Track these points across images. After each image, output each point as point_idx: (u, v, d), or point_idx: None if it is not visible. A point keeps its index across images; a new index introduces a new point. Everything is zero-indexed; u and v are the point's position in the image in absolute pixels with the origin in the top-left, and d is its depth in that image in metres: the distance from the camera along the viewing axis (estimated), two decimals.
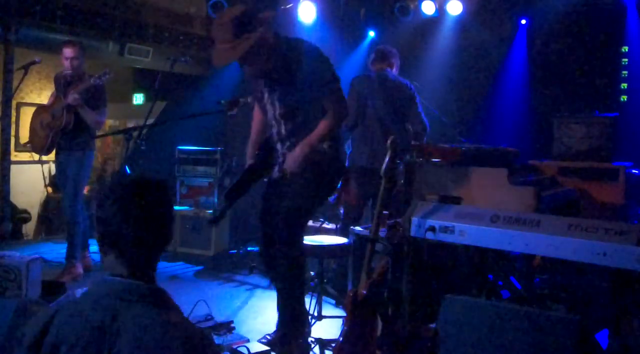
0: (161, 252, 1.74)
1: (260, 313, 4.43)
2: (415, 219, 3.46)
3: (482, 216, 3.28)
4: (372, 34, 7.90)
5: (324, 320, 3.99)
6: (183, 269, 6.13)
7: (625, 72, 6.57)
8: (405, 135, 5.07)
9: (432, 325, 3.05)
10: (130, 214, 1.64)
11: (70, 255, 5.37)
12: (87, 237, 5.61)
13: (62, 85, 5.38)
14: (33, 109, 8.11)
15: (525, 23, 7.24)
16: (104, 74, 5.14)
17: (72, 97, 5.12)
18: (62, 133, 5.25)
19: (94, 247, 6.25)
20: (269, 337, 3.78)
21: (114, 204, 1.64)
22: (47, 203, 8.91)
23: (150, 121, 5.10)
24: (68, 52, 5.35)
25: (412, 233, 3.45)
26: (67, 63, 5.36)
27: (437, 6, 7.28)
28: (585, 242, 2.94)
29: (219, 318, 4.19)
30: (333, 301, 4.77)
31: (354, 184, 3.98)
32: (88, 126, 5.31)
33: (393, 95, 5.09)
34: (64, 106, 5.17)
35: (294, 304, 3.61)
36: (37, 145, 5.45)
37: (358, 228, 4.16)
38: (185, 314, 4.34)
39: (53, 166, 8.62)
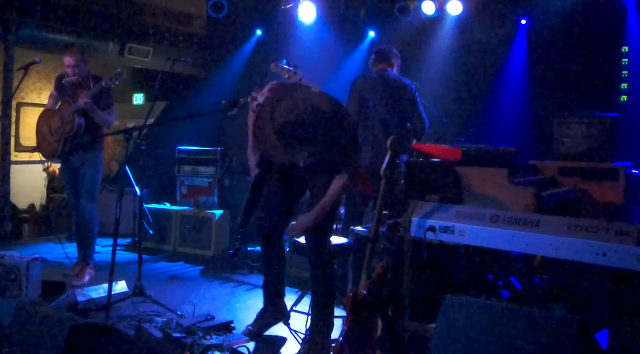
0: None
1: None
2: (415, 219, 3.46)
3: (482, 216, 3.28)
4: (372, 34, 7.90)
5: None
6: (183, 269, 6.13)
7: (625, 72, 6.57)
8: (406, 135, 5.08)
9: (432, 325, 3.05)
10: None
11: (85, 256, 5.33)
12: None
13: (69, 89, 5.32)
14: (33, 109, 8.12)
15: (525, 23, 7.24)
16: (118, 75, 5.05)
17: (84, 100, 5.05)
18: (74, 137, 5.21)
19: (96, 247, 6.24)
20: (250, 328, 3.98)
21: None
22: (47, 203, 8.91)
23: (150, 121, 5.10)
24: (68, 60, 5.26)
25: (412, 233, 3.46)
26: (69, 71, 5.30)
27: (437, 6, 7.28)
28: (585, 242, 2.94)
29: (219, 318, 4.19)
30: None
31: (364, 172, 3.99)
32: (97, 127, 5.26)
33: (394, 95, 5.09)
34: (75, 110, 5.11)
35: (331, 305, 3.80)
36: (47, 151, 5.37)
37: (358, 228, 4.16)
38: (187, 315, 4.38)
39: (54, 166, 8.63)
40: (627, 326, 3.27)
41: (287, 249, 4.37)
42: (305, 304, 4.02)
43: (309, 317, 3.80)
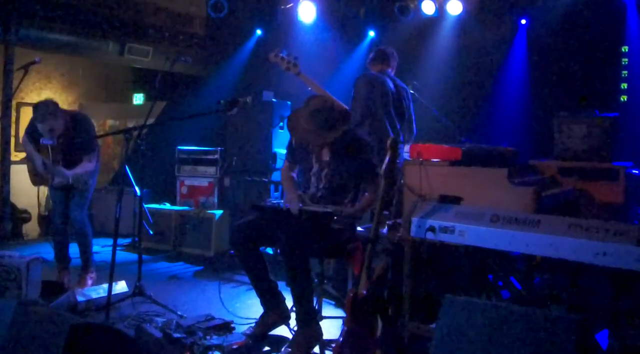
0: None
1: (260, 313, 4.43)
2: (415, 219, 3.46)
3: (482, 216, 3.28)
4: (372, 33, 7.90)
5: (324, 320, 3.99)
6: (183, 269, 6.13)
7: (625, 72, 6.57)
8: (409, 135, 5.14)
9: (432, 325, 3.05)
10: None
11: (86, 264, 5.23)
12: None
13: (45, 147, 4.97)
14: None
15: (525, 23, 7.25)
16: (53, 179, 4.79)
17: (58, 181, 4.92)
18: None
19: (96, 247, 6.24)
20: (252, 331, 4.01)
21: None
22: (47, 203, 8.90)
23: (150, 121, 5.09)
24: (42, 127, 4.81)
25: (412, 233, 3.45)
26: (45, 133, 4.89)
27: (437, 6, 7.29)
28: (585, 243, 2.94)
29: (219, 318, 4.19)
30: (333, 302, 4.77)
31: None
32: (84, 147, 5.01)
33: (399, 96, 5.16)
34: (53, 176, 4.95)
35: (306, 299, 3.79)
36: (32, 180, 5.23)
37: (358, 228, 4.16)
38: (187, 315, 4.38)
39: None
40: (627, 326, 3.27)
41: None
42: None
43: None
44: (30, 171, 5.21)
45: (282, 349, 3.83)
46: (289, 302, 3.99)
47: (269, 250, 6.51)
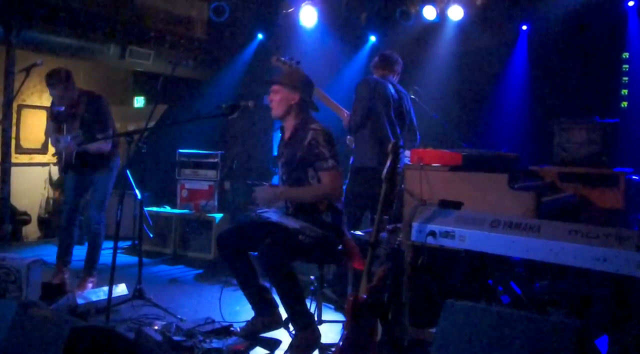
0: None
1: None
2: (415, 224, 3.46)
3: (483, 221, 3.29)
4: (373, 38, 7.92)
5: (323, 324, 3.99)
6: (183, 273, 6.13)
7: (625, 78, 6.59)
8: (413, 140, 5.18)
9: (432, 330, 3.05)
10: None
11: (91, 266, 5.21)
12: None
13: (62, 117, 5.10)
14: (34, 111, 8.07)
15: (527, 29, 7.27)
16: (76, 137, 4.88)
17: (65, 147, 4.95)
18: (72, 161, 5.03)
19: None
20: (238, 330, 4.05)
21: None
22: (47, 205, 8.91)
23: (151, 124, 5.10)
24: (52, 92, 4.98)
25: (413, 238, 3.46)
26: (56, 101, 5.06)
27: (438, 11, 7.30)
28: (585, 248, 2.94)
29: (219, 321, 4.19)
30: (333, 306, 4.77)
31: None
32: (97, 122, 5.09)
33: (401, 101, 5.18)
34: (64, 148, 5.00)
35: (297, 302, 3.74)
36: (60, 165, 5.25)
37: (358, 232, 4.16)
38: (187, 318, 4.38)
39: (54, 168, 8.64)
40: (627, 332, 3.27)
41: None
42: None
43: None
44: (55, 155, 5.26)
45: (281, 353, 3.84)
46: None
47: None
